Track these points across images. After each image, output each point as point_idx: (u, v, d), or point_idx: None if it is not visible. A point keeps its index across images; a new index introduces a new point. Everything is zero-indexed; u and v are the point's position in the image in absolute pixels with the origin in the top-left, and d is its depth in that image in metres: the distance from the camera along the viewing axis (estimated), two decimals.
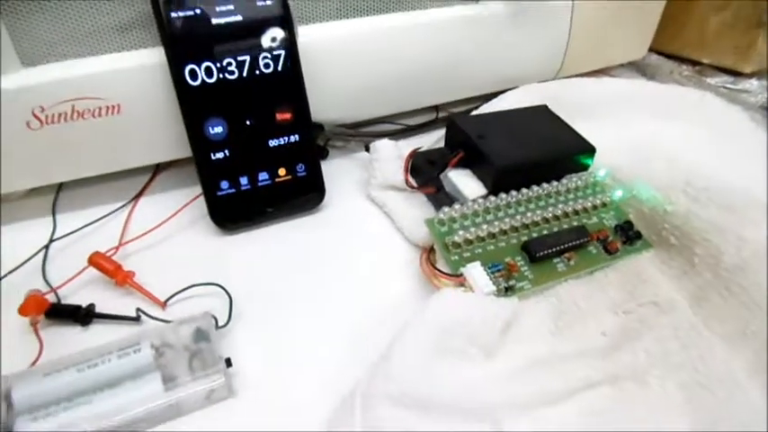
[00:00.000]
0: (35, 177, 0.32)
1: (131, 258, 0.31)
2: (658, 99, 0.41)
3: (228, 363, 0.25)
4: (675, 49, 0.51)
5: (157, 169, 0.37)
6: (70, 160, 0.32)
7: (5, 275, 0.29)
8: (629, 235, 0.32)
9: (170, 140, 0.32)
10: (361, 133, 0.39)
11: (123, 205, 0.34)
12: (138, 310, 0.27)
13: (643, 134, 0.36)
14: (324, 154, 0.39)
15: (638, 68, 0.52)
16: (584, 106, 0.40)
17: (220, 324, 0.27)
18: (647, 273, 0.31)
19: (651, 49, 0.50)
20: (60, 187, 0.35)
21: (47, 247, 0.31)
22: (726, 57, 0.48)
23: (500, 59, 0.41)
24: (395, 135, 0.41)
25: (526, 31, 0.40)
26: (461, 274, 0.28)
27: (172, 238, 0.32)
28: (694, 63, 0.50)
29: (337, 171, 0.38)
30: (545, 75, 0.44)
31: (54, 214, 0.34)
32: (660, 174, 0.33)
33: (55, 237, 0.31)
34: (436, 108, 0.44)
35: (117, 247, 0.31)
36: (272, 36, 0.31)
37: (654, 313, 0.28)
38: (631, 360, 0.26)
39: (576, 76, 0.44)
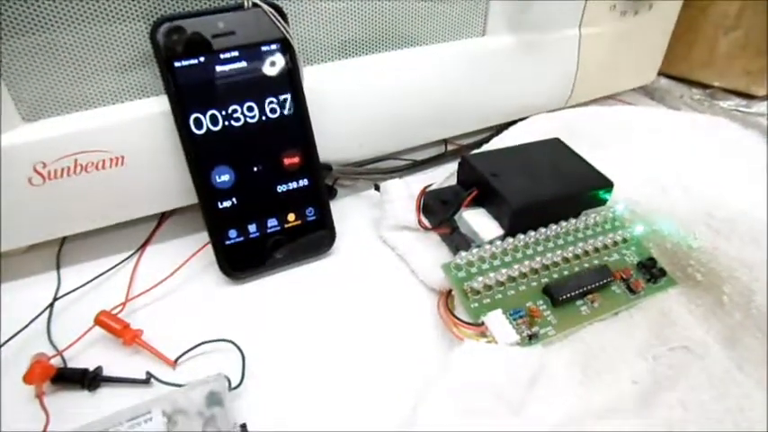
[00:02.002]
0: (38, 233, 0.31)
1: (139, 314, 0.30)
2: (673, 126, 0.40)
3: (244, 429, 0.23)
4: (685, 72, 0.50)
5: (163, 217, 0.36)
6: (74, 214, 0.31)
7: (8, 341, 0.27)
8: (652, 272, 0.31)
9: (176, 189, 0.32)
10: (369, 171, 0.38)
11: (129, 256, 0.33)
12: (148, 373, 0.26)
13: (658, 163, 0.36)
14: (332, 194, 0.38)
15: (647, 92, 0.51)
16: (596, 135, 0.40)
17: (233, 384, 0.25)
18: (675, 313, 0.29)
19: (660, 73, 0.50)
20: (64, 240, 0.34)
21: (51, 305, 0.30)
22: (737, 80, 0.47)
23: (508, 91, 0.41)
24: (403, 171, 0.40)
25: (534, 61, 0.40)
26: (483, 323, 0.27)
27: (180, 290, 0.31)
28: (705, 86, 0.50)
29: (347, 211, 0.37)
30: (555, 104, 0.44)
31: (58, 269, 0.33)
32: (679, 205, 0.32)
33: (59, 294, 0.30)
34: (445, 141, 0.44)
35: (123, 304, 0.29)
36: (278, 80, 0.30)
37: (686, 358, 0.27)
38: (667, 414, 0.24)
39: (587, 103, 0.44)
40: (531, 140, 0.36)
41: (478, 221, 0.31)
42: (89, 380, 0.26)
